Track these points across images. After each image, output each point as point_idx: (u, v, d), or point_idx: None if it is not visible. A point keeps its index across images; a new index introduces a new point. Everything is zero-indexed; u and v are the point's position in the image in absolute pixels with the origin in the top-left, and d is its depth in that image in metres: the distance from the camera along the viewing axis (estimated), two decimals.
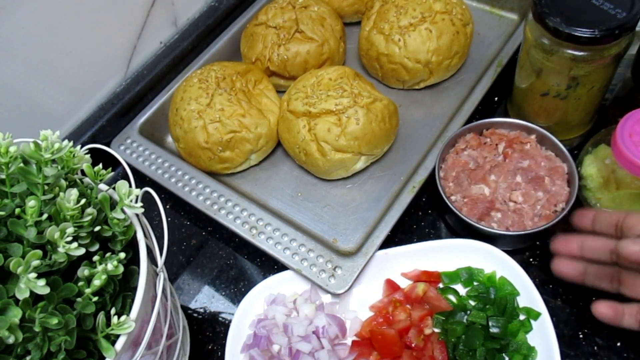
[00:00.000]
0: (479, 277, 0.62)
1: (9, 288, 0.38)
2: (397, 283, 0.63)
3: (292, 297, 0.63)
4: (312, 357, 0.58)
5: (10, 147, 0.41)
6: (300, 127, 0.68)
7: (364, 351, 0.59)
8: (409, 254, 0.63)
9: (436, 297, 0.61)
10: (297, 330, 0.59)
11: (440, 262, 0.63)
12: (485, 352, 0.56)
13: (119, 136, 0.76)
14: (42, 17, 0.67)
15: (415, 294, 0.61)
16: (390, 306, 0.61)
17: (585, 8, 0.57)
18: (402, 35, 0.73)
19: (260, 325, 0.60)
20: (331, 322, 0.60)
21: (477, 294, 0.61)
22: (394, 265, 0.63)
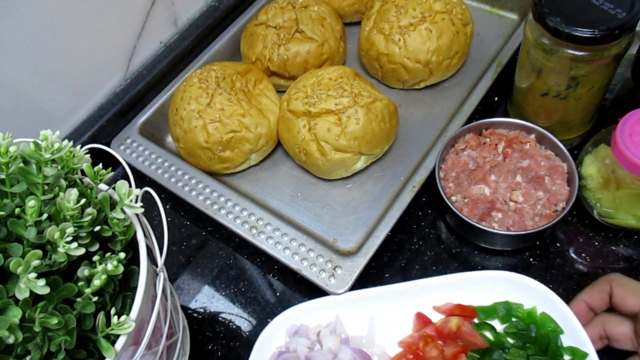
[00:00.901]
0: (517, 313, 0.57)
1: (9, 288, 0.38)
2: (428, 317, 0.59)
3: (315, 328, 0.60)
4: None
5: (10, 147, 0.41)
6: (300, 126, 0.68)
7: None
8: (441, 286, 0.59)
9: (471, 333, 0.56)
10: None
11: (476, 296, 0.59)
12: None
13: (119, 136, 0.76)
14: (42, 17, 0.67)
15: (448, 328, 0.57)
16: (420, 342, 0.57)
17: (585, 8, 0.57)
18: (402, 35, 0.73)
19: (282, 358, 0.57)
20: (357, 357, 0.56)
21: (516, 331, 0.56)
22: (425, 297, 0.60)
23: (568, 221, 0.67)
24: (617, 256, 0.64)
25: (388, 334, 0.59)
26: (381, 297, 0.60)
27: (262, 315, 0.65)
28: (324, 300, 0.60)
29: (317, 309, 0.60)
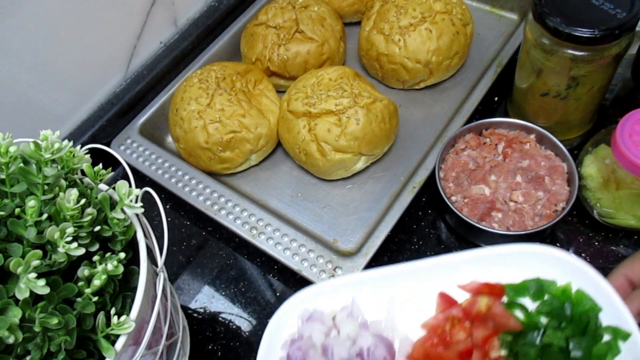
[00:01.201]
0: (550, 290, 0.53)
1: (9, 288, 0.38)
2: (452, 297, 0.55)
3: (331, 313, 0.55)
4: None
5: (10, 147, 0.41)
6: (300, 127, 0.68)
7: None
8: (466, 263, 0.55)
9: (503, 314, 0.51)
10: (338, 353, 0.51)
11: (503, 273, 0.54)
12: None
13: (119, 136, 0.76)
14: (42, 17, 0.67)
15: (476, 309, 0.52)
16: (447, 324, 0.52)
17: (585, 8, 0.57)
18: (402, 36, 0.73)
19: (295, 346, 0.53)
20: (378, 343, 0.52)
21: (551, 310, 0.51)
22: (448, 275, 0.55)
23: (568, 221, 0.67)
24: (617, 256, 0.64)
25: (409, 316, 0.54)
26: (400, 275, 0.55)
27: (262, 315, 0.65)
28: (338, 280, 0.56)
29: (330, 291, 0.56)
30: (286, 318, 0.55)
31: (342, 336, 0.53)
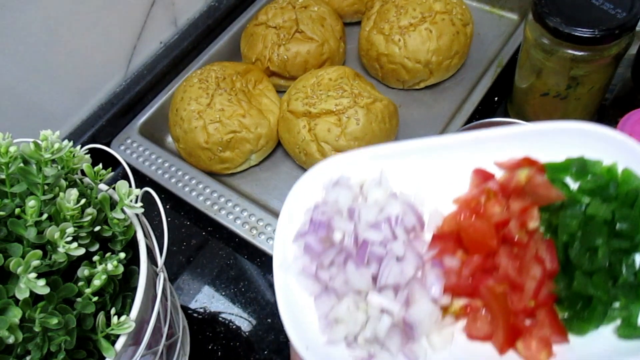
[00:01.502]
0: (595, 169, 0.49)
1: (9, 288, 0.38)
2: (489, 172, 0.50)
3: (359, 181, 0.51)
4: (382, 248, 0.46)
5: (10, 147, 0.41)
6: (300, 127, 0.68)
7: (447, 247, 0.47)
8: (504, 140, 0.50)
9: (544, 185, 0.47)
10: (365, 216, 0.48)
11: (544, 151, 0.50)
12: (609, 253, 0.44)
13: (119, 136, 0.76)
14: (42, 17, 0.67)
15: (515, 182, 0.48)
16: (481, 197, 0.48)
17: (585, 8, 0.57)
18: (402, 36, 0.73)
19: (319, 211, 0.49)
20: (407, 210, 0.48)
21: (594, 188, 0.47)
22: (484, 152, 0.51)
23: None
24: None
25: (441, 191, 0.51)
26: (432, 149, 0.52)
27: (262, 315, 0.65)
28: (366, 151, 0.52)
29: (358, 161, 0.52)
30: (309, 186, 0.51)
31: (370, 202, 0.49)
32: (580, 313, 0.43)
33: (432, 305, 0.44)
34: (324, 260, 0.47)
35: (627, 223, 0.44)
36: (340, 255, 0.46)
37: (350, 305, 0.46)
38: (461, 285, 0.45)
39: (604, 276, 0.43)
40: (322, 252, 0.47)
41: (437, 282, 0.45)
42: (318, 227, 0.48)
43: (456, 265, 0.46)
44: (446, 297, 0.45)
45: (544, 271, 0.44)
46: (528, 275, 0.44)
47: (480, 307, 0.45)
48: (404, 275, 0.45)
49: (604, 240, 0.44)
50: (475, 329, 0.44)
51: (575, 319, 0.43)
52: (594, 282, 0.43)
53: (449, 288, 0.45)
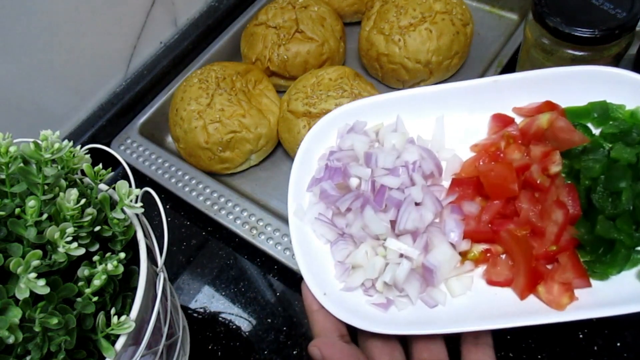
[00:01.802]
0: (617, 114, 0.47)
1: (9, 288, 0.38)
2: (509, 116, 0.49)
3: (375, 127, 0.50)
4: (401, 193, 0.45)
5: (10, 147, 0.41)
6: (300, 127, 0.68)
7: (466, 192, 0.46)
8: (524, 84, 0.49)
9: (567, 128, 0.45)
10: (382, 161, 0.46)
11: (564, 96, 0.48)
12: (633, 196, 0.42)
13: (119, 136, 0.76)
14: (42, 17, 0.67)
15: (536, 126, 0.46)
16: (501, 142, 0.47)
17: (585, 8, 0.57)
18: (402, 36, 0.73)
19: (335, 157, 0.48)
20: (425, 156, 0.47)
21: (617, 132, 0.46)
22: (503, 97, 0.49)
23: None
24: None
25: (459, 138, 0.50)
26: (450, 95, 0.50)
27: (262, 315, 0.65)
28: (381, 97, 0.51)
29: (374, 107, 0.50)
30: (324, 133, 0.50)
31: (387, 148, 0.48)
32: (602, 257, 0.42)
33: (452, 251, 0.44)
34: (340, 206, 0.46)
35: None
36: (357, 201, 0.45)
37: (368, 251, 0.45)
38: (481, 231, 0.45)
39: (627, 220, 0.42)
40: (338, 198, 0.46)
41: (456, 227, 0.45)
42: (334, 173, 0.47)
43: (475, 211, 0.45)
44: (465, 242, 0.45)
45: (565, 215, 0.43)
46: (550, 220, 0.43)
47: (500, 252, 0.45)
48: (422, 221, 0.44)
49: (627, 184, 0.42)
50: (495, 274, 0.44)
51: (598, 263, 0.42)
52: (618, 225, 0.42)
53: (468, 233, 0.45)
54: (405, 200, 0.44)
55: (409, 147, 0.48)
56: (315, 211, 0.48)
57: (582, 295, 0.42)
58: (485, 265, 0.45)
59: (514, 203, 0.45)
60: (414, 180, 0.46)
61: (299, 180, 0.49)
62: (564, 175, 0.46)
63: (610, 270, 0.42)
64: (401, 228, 0.44)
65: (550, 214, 0.43)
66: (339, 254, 0.46)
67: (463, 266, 0.45)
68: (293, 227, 0.47)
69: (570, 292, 0.41)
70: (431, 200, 0.45)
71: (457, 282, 0.44)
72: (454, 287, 0.44)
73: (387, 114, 0.50)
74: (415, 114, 0.50)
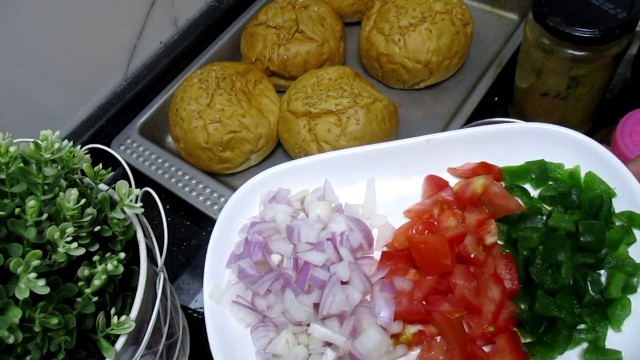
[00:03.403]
0: (556, 174, 0.45)
1: (9, 288, 0.38)
2: (443, 179, 0.47)
3: (299, 194, 0.47)
4: (325, 272, 0.42)
5: (10, 147, 0.41)
6: (300, 127, 0.68)
7: (398, 266, 0.43)
8: (458, 143, 0.46)
9: (502, 195, 0.43)
10: (305, 236, 0.43)
11: (501, 154, 0.46)
12: (573, 269, 0.40)
13: (119, 136, 0.76)
14: (42, 17, 0.67)
15: (470, 191, 0.44)
16: (434, 209, 0.45)
17: (585, 8, 0.57)
18: (402, 35, 0.73)
19: (255, 229, 0.45)
20: (354, 227, 0.44)
21: (556, 195, 0.44)
22: (437, 158, 0.47)
23: None
24: None
25: (391, 202, 0.47)
26: (381, 156, 0.47)
27: None
28: (308, 160, 0.47)
29: (300, 172, 0.47)
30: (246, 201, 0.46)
31: (312, 218, 0.45)
32: (543, 337, 0.39)
33: (382, 334, 0.40)
34: (259, 289, 0.42)
35: (592, 235, 0.41)
36: (277, 282, 0.42)
37: (289, 339, 0.41)
38: (414, 310, 0.41)
39: (567, 295, 0.40)
40: (257, 278, 0.42)
41: (386, 307, 0.41)
42: (253, 249, 0.44)
43: (408, 287, 0.42)
44: (397, 324, 0.41)
45: (503, 292, 0.40)
46: (486, 297, 0.40)
47: (435, 334, 0.41)
48: (349, 302, 0.41)
49: (567, 255, 0.40)
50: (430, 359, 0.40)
51: (539, 344, 0.39)
52: (558, 302, 0.39)
53: (400, 314, 0.41)
54: (330, 280, 0.41)
55: (335, 217, 0.45)
56: (234, 292, 0.44)
57: None
58: (420, 348, 0.41)
59: (448, 278, 0.42)
60: (341, 254, 0.43)
61: (218, 255, 0.45)
62: (502, 242, 0.44)
63: (552, 354, 0.39)
64: (325, 313, 0.41)
65: (486, 290, 0.41)
66: (259, 342, 0.42)
67: (395, 351, 0.41)
68: (208, 312, 0.43)
69: None
70: (359, 278, 0.42)
71: None
72: None
73: (315, 177, 0.47)
74: (346, 176, 0.47)
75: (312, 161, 0.47)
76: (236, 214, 0.46)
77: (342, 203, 0.47)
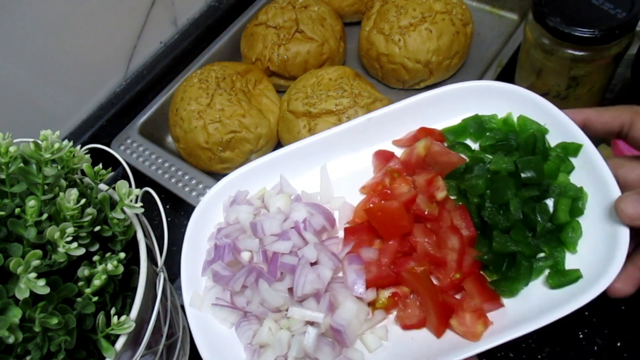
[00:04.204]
0: (491, 124, 0.48)
1: (9, 288, 0.38)
2: (389, 151, 0.50)
3: (258, 193, 0.49)
4: (294, 257, 0.43)
5: (10, 147, 0.41)
6: (300, 127, 0.68)
7: (362, 238, 0.45)
8: (397, 116, 0.49)
9: (443, 152, 0.46)
10: (269, 228, 0.45)
11: (439, 119, 0.49)
12: (520, 204, 0.43)
13: (119, 136, 0.76)
14: (42, 17, 0.67)
15: (415, 156, 0.47)
16: (386, 179, 0.47)
17: (585, 8, 0.57)
18: (402, 35, 0.73)
19: (222, 234, 0.47)
20: (314, 212, 0.46)
21: (494, 143, 0.47)
22: (382, 133, 0.50)
23: None
24: None
25: (346, 183, 0.50)
26: (329, 143, 0.50)
27: None
28: (259, 161, 0.50)
29: (255, 174, 0.50)
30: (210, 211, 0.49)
31: (273, 212, 0.47)
32: (507, 273, 0.41)
33: (358, 304, 0.42)
34: (234, 286, 0.43)
35: (531, 170, 0.43)
36: (250, 276, 0.44)
37: (271, 326, 0.42)
38: (383, 275, 0.43)
39: (521, 230, 0.42)
40: (231, 277, 0.44)
41: (358, 278, 0.43)
42: (223, 251, 0.45)
43: (374, 256, 0.44)
44: (371, 291, 0.43)
45: (462, 240, 0.42)
46: (447, 248, 0.43)
47: (408, 293, 0.43)
48: (321, 280, 0.42)
49: (512, 193, 0.43)
50: (407, 317, 0.43)
51: (504, 280, 0.41)
52: (513, 237, 0.42)
53: (371, 281, 0.43)
54: (299, 263, 0.43)
55: (295, 206, 0.47)
56: (213, 295, 0.45)
57: (496, 317, 0.40)
58: (396, 310, 0.43)
59: (409, 239, 0.44)
60: (306, 239, 0.44)
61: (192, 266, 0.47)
62: (454, 197, 0.46)
63: (517, 286, 0.41)
64: (300, 294, 0.42)
65: (446, 242, 0.43)
66: (244, 336, 0.44)
67: (374, 317, 0.43)
68: (192, 319, 0.44)
69: (483, 318, 0.40)
70: (327, 257, 0.43)
71: (371, 336, 0.42)
72: (369, 342, 0.42)
73: (270, 175, 0.50)
74: (299, 169, 0.50)
75: (265, 160, 0.50)
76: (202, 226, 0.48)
77: (300, 192, 0.49)
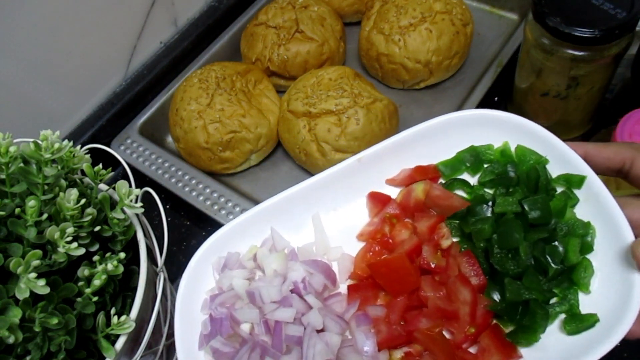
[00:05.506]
0: (488, 156, 0.46)
1: (9, 288, 0.38)
2: (384, 194, 0.47)
3: (249, 252, 0.46)
4: (299, 325, 0.41)
5: (10, 147, 0.41)
6: (300, 127, 0.68)
7: (367, 295, 0.43)
8: (388, 154, 0.47)
9: (444, 195, 0.44)
10: (268, 296, 0.42)
11: (433, 153, 0.47)
12: (530, 247, 0.41)
13: (119, 136, 0.76)
14: (42, 17, 0.67)
15: (414, 199, 0.45)
16: (385, 226, 0.45)
17: (585, 8, 0.57)
18: (402, 35, 0.73)
19: (216, 303, 0.44)
20: (313, 270, 0.43)
21: (493, 178, 0.45)
22: (374, 174, 0.47)
23: None
24: None
25: (342, 230, 0.47)
26: (318, 188, 0.47)
27: None
28: (246, 215, 0.47)
29: (243, 229, 0.46)
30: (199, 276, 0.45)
31: (269, 275, 0.44)
32: (522, 322, 0.39)
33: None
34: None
35: (538, 210, 0.41)
36: (254, 353, 0.40)
37: None
38: (394, 335, 0.41)
39: (533, 275, 0.40)
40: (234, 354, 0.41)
41: (367, 340, 0.40)
42: (220, 325, 0.42)
43: (382, 313, 0.41)
44: (383, 354, 0.40)
45: (473, 291, 0.40)
46: (458, 301, 0.41)
47: (421, 351, 0.41)
48: (331, 349, 0.40)
49: (521, 236, 0.40)
50: None
51: (520, 330, 0.40)
52: (525, 284, 0.40)
53: (382, 342, 0.41)
54: (306, 332, 0.40)
55: (292, 265, 0.44)
56: None
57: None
58: None
59: (417, 293, 0.42)
60: (309, 302, 0.42)
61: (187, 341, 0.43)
62: (457, 239, 0.44)
63: (535, 335, 0.39)
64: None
65: (457, 294, 0.41)
66: None
67: None
68: None
69: None
70: (333, 321, 0.41)
71: None
72: None
73: (260, 228, 0.46)
74: (290, 218, 0.47)
75: (252, 214, 0.46)
76: (193, 292, 0.45)
77: (295, 247, 0.46)
